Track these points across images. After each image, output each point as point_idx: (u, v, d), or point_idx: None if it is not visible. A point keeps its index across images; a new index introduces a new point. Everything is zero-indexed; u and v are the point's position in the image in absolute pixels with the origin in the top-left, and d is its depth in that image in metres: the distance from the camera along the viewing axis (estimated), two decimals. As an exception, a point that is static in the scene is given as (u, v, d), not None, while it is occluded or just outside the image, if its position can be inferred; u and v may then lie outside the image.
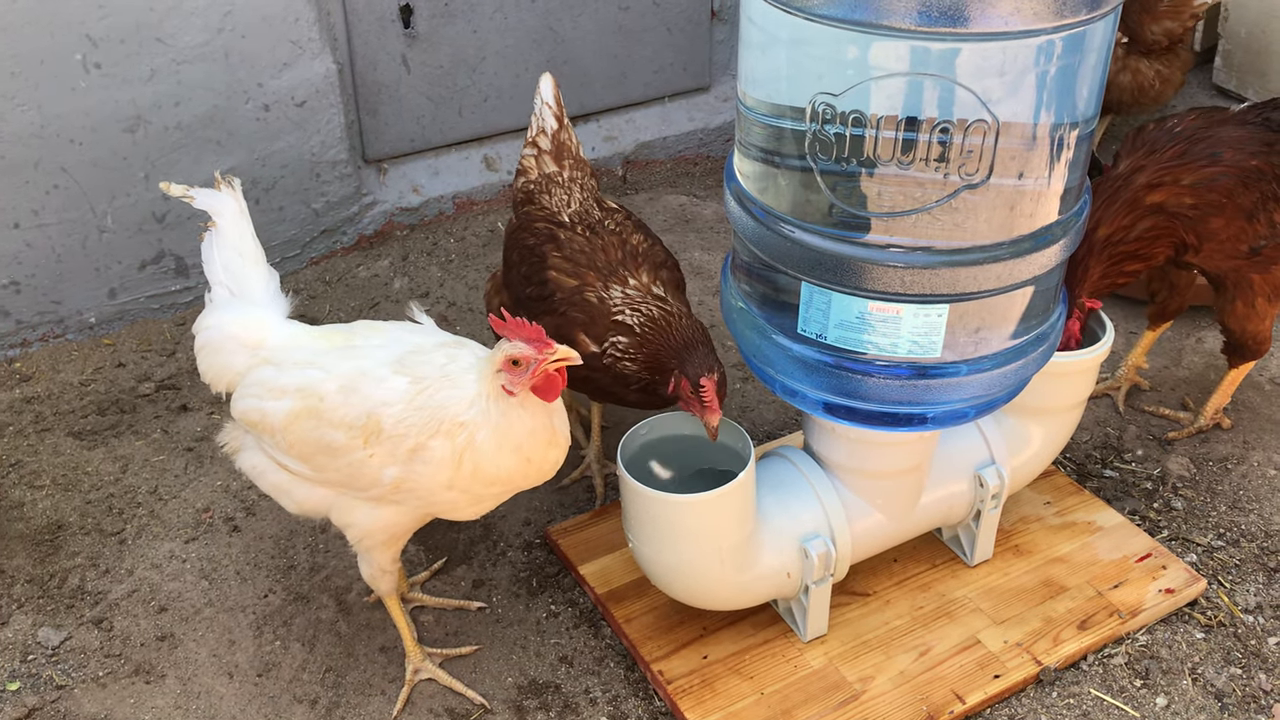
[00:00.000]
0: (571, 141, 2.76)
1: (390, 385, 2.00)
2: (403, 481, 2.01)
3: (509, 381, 1.92)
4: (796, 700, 2.30)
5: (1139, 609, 2.48)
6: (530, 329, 1.92)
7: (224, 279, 2.31)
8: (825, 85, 1.82)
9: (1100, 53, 1.85)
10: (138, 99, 3.24)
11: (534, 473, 2.04)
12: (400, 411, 1.97)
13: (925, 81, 1.76)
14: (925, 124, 1.78)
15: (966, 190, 1.83)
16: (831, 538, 2.31)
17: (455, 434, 1.95)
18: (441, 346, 2.05)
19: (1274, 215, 2.57)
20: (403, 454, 1.98)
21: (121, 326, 3.49)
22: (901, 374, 2.04)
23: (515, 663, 2.46)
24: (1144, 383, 3.16)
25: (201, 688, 2.42)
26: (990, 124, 1.78)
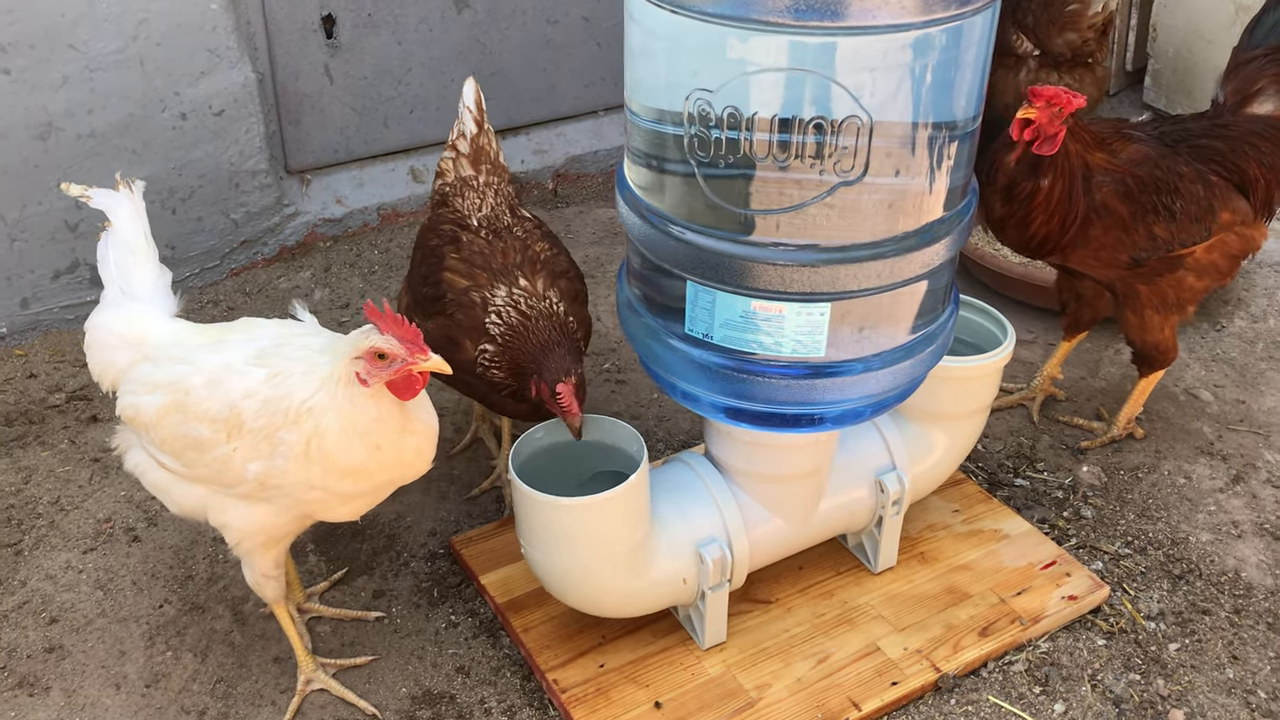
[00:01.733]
0: (490, 146, 2.75)
1: (251, 378, 1.97)
2: (267, 477, 1.97)
3: (365, 370, 1.89)
4: (691, 708, 2.27)
5: (1041, 616, 2.47)
6: (409, 329, 1.89)
7: (116, 277, 2.29)
8: (701, 82, 1.81)
9: (977, 49, 1.85)
10: (49, 105, 3.20)
11: (390, 462, 1.99)
12: (259, 404, 1.94)
13: (798, 77, 1.76)
14: (800, 120, 1.78)
15: (842, 187, 1.83)
16: (728, 543, 2.29)
17: (302, 421, 1.91)
18: (304, 339, 2.02)
19: (1154, 228, 2.58)
20: (264, 448, 1.95)
21: (35, 337, 3.44)
22: (789, 374, 2.03)
23: (411, 673, 2.42)
24: (1059, 393, 3.17)
25: (87, 699, 2.36)
26: (864, 120, 1.77)
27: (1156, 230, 2.58)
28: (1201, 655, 2.44)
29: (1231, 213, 2.67)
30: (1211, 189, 2.64)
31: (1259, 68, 2.83)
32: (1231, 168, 2.69)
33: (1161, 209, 2.57)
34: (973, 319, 2.57)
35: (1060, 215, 2.53)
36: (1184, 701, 2.34)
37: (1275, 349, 3.38)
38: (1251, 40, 2.89)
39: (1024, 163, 2.50)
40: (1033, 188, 2.50)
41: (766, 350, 2.00)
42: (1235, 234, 2.72)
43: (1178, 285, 2.70)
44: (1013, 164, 2.51)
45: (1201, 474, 2.92)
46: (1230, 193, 2.68)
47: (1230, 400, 3.18)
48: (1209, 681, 2.38)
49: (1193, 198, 2.61)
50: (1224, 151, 2.69)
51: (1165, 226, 2.59)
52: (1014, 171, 2.51)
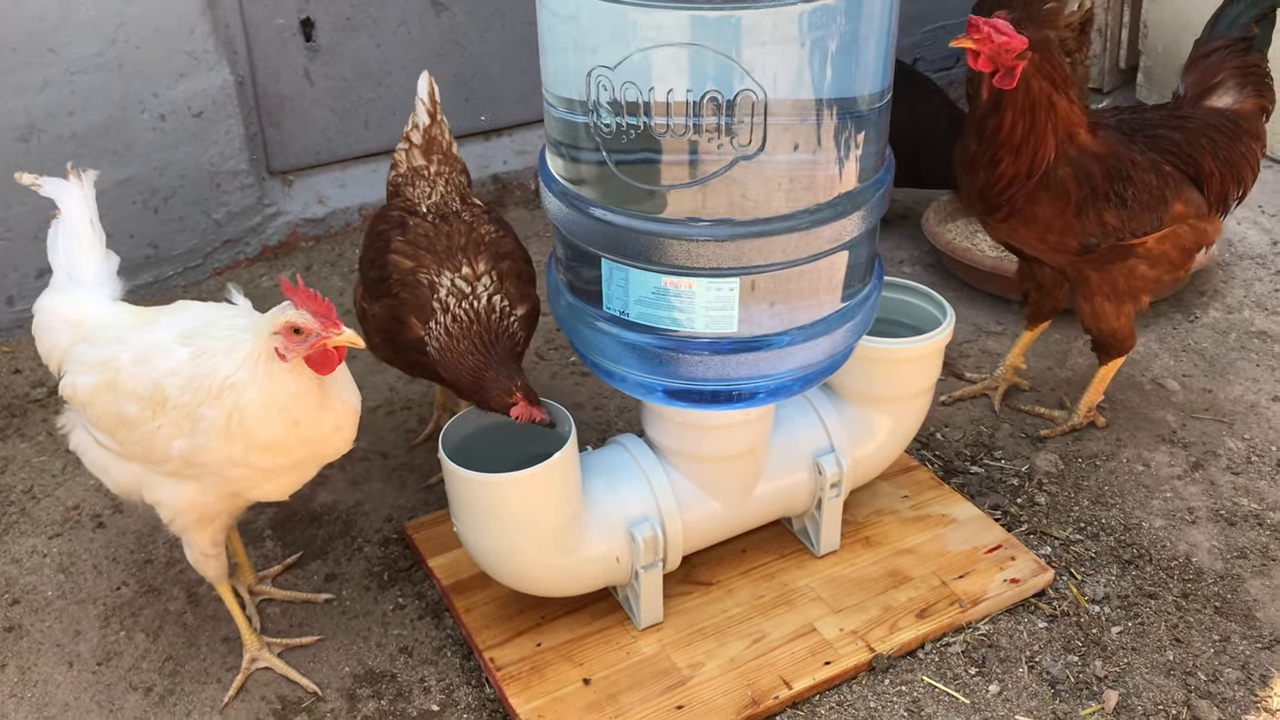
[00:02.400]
0: (443, 138, 2.80)
1: (176, 356, 2.02)
2: (191, 454, 2.02)
3: (284, 346, 1.93)
4: (623, 685, 2.29)
5: (981, 598, 2.46)
6: (321, 303, 1.94)
7: (64, 263, 2.36)
8: (601, 59, 1.84)
9: (877, 24, 1.87)
10: (31, 108, 3.30)
11: (309, 437, 2.03)
12: (183, 381, 1.99)
13: (694, 52, 1.79)
14: (695, 96, 1.81)
15: (742, 162, 1.85)
16: (660, 523, 2.31)
17: (224, 397, 1.96)
18: (230, 319, 2.08)
19: (1104, 215, 2.58)
20: (186, 425, 2.00)
21: (20, 334, 3.53)
22: (706, 349, 2.05)
23: (355, 653, 2.46)
24: (1022, 383, 3.16)
25: (39, 676, 2.42)
26: (759, 95, 1.80)
27: (1107, 217, 2.58)
28: (1143, 638, 2.42)
29: (1185, 204, 2.66)
30: (1165, 179, 2.63)
31: (1219, 60, 2.83)
32: (1186, 159, 2.68)
33: (1113, 196, 2.57)
34: (913, 302, 2.58)
35: (1028, 155, 2.52)
36: (1120, 682, 2.32)
37: (1248, 339, 3.35)
38: (1213, 32, 2.88)
39: (991, 99, 2.51)
40: (995, 123, 2.51)
41: (680, 326, 2.03)
42: (1189, 226, 2.71)
43: (1129, 274, 2.69)
44: (984, 100, 2.52)
45: (1161, 461, 2.90)
46: (1184, 184, 2.67)
47: (1197, 390, 3.16)
48: (1148, 663, 2.36)
49: (1145, 186, 2.60)
50: (1180, 143, 2.68)
51: (1116, 214, 2.58)
52: (983, 107, 2.53)
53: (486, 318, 2.37)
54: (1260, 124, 2.79)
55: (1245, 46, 2.80)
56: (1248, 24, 2.81)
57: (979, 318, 3.49)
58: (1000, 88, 2.47)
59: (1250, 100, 2.78)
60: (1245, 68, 2.78)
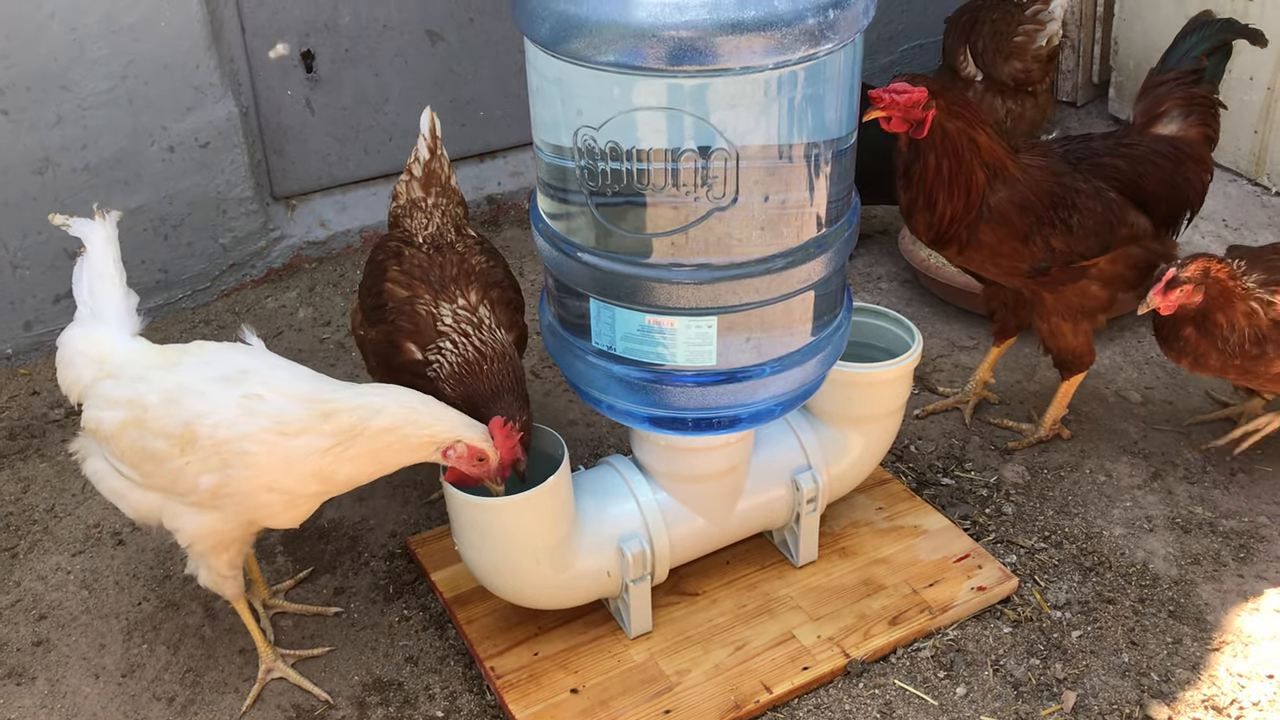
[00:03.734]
0: (442, 171, 2.95)
1: (214, 399, 2.18)
2: (219, 488, 2.18)
3: (457, 455, 2.23)
4: (615, 691, 2.45)
5: (950, 605, 2.63)
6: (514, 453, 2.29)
7: (88, 299, 2.52)
8: (586, 119, 2.00)
9: (837, 83, 2.03)
10: (46, 142, 3.45)
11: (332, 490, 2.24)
12: (222, 422, 2.15)
13: (670, 114, 1.95)
14: (672, 152, 1.97)
15: (716, 212, 2.02)
16: (648, 539, 2.48)
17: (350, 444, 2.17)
18: (270, 369, 2.26)
19: (1050, 240, 2.74)
20: (214, 463, 2.16)
21: (38, 357, 3.68)
22: (689, 381, 2.22)
23: (363, 663, 2.62)
24: (992, 396, 3.33)
25: (68, 688, 2.59)
26: (729, 151, 1.96)
27: (1054, 242, 2.75)
28: (1101, 641, 2.59)
29: (1130, 228, 2.83)
30: (1109, 205, 2.80)
31: (1167, 91, 2.99)
32: (1131, 185, 2.85)
33: (1058, 222, 2.74)
34: (884, 326, 2.74)
35: (962, 189, 2.69)
36: (1079, 684, 2.49)
37: (1209, 351, 3.51)
38: (1165, 65, 3.06)
39: (910, 147, 2.69)
40: (921, 168, 2.69)
41: (664, 360, 2.19)
42: (1140, 247, 2.88)
43: (1083, 294, 2.86)
44: (903, 150, 2.70)
45: (1122, 471, 3.07)
46: (1129, 209, 2.83)
47: (1159, 401, 3.32)
48: (1105, 665, 2.53)
49: (1090, 213, 2.77)
50: (1124, 170, 2.85)
51: (1063, 239, 2.75)
52: (905, 157, 2.70)
53: (512, 352, 2.53)
54: (1204, 150, 2.96)
55: (1195, 79, 2.97)
56: (1198, 57, 2.98)
57: (952, 333, 3.66)
58: (917, 138, 2.65)
59: (1194, 129, 2.94)
60: (1191, 99, 2.95)
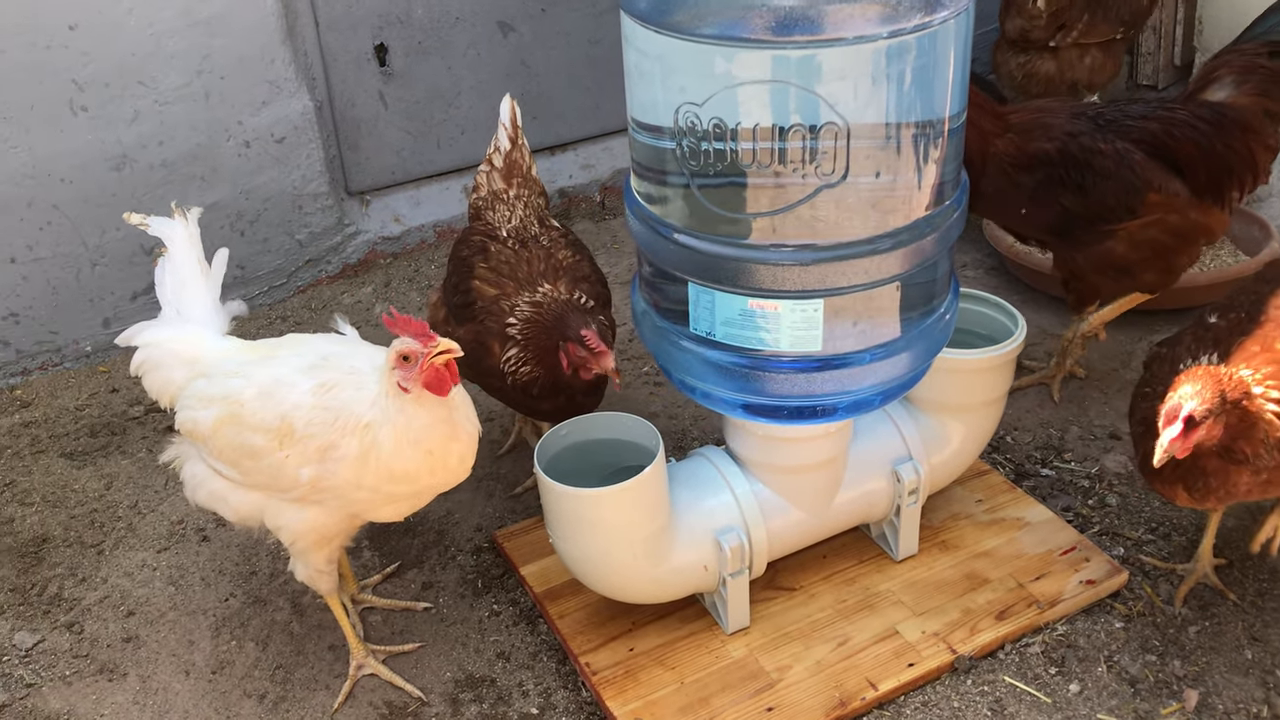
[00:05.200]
0: (523, 160, 2.90)
1: (301, 389, 2.14)
2: (319, 480, 2.14)
3: (402, 378, 2.04)
4: (714, 688, 2.38)
5: (1058, 599, 2.53)
6: (415, 325, 2.04)
7: (172, 299, 2.49)
8: (689, 96, 1.94)
9: (951, 54, 1.95)
10: (123, 139, 3.45)
11: (439, 467, 2.14)
12: (309, 413, 2.11)
13: (777, 87, 1.87)
14: (781, 128, 1.89)
15: (825, 189, 1.94)
16: (745, 532, 2.40)
17: (363, 434, 2.08)
18: (351, 353, 2.19)
19: (1060, 199, 2.76)
20: (313, 453, 2.11)
21: (116, 355, 3.68)
22: (792, 368, 2.14)
23: (455, 659, 2.58)
24: (1079, 370, 3.23)
25: (159, 684, 2.56)
26: (840, 126, 1.88)
27: (1065, 201, 2.76)
28: (1220, 637, 2.48)
29: (1159, 192, 2.76)
30: (1131, 167, 2.74)
31: (1225, 59, 2.91)
32: (1161, 148, 2.77)
33: (1069, 181, 2.74)
34: (985, 312, 2.65)
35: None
36: (1200, 681, 2.38)
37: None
38: (1244, 36, 2.97)
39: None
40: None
41: (765, 345, 2.12)
42: (1178, 214, 2.79)
43: (1109, 255, 2.85)
44: None
45: (1231, 461, 2.94)
46: (1157, 172, 2.76)
47: (1265, 388, 3.19)
48: (1227, 662, 2.42)
49: (1105, 173, 2.73)
50: (1155, 132, 2.78)
51: (1074, 197, 2.75)
52: None
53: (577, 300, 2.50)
54: (1255, 119, 2.83)
55: (1273, 51, 2.85)
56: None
57: (1043, 320, 3.54)
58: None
59: (1248, 97, 2.82)
60: (1250, 67, 2.83)
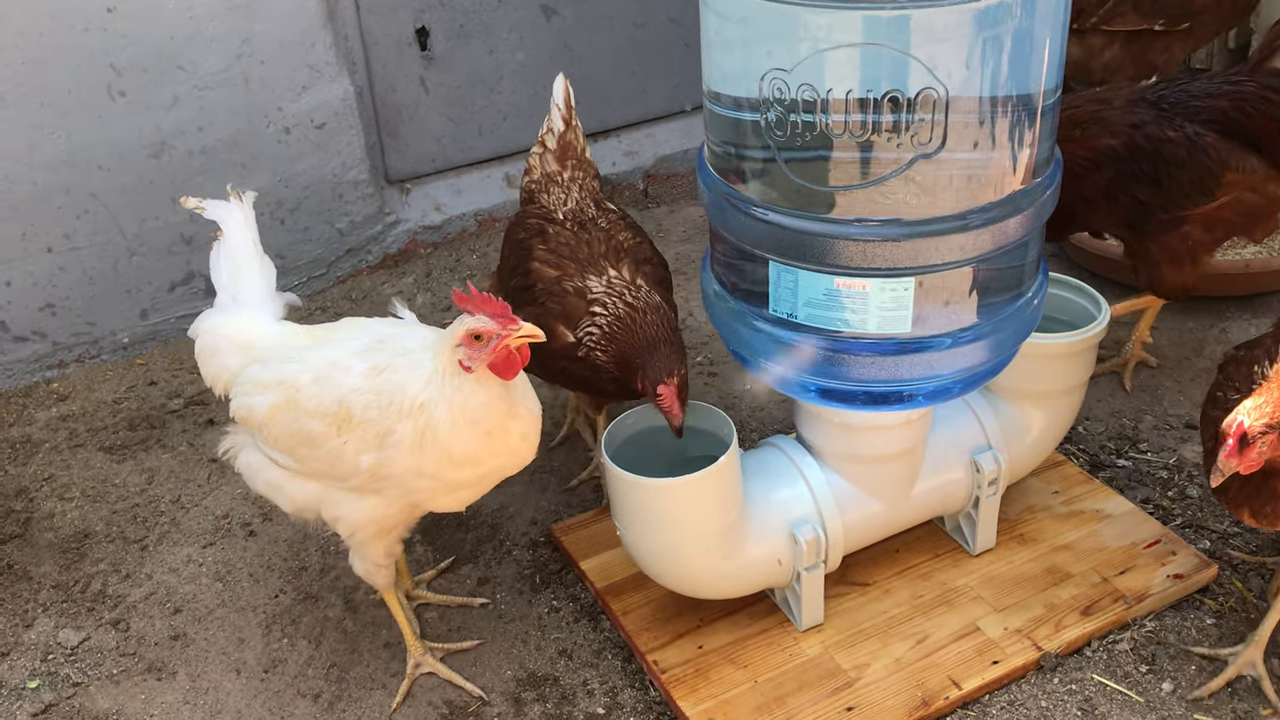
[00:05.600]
0: (577, 142, 2.81)
1: (357, 372, 2.05)
2: (379, 467, 2.05)
3: (467, 357, 1.95)
4: (790, 688, 2.28)
5: (1145, 594, 2.43)
6: (495, 304, 1.95)
7: (227, 284, 2.40)
8: (776, 62, 1.84)
9: (1053, 19, 1.85)
10: (162, 125, 3.37)
11: (500, 448, 2.04)
12: (365, 397, 2.02)
13: (873, 52, 1.77)
14: (876, 95, 1.79)
15: (921, 160, 1.84)
16: (821, 524, 2.30)
17: (417, 415, 1.98)
18: (405, 335, 2.10)
19: (1135, 193, 2.64)
20: (372, 439, 2.02)
21: (154, 347, 3.61)
22: (876, 351, 2.04)
23: (515, 656, 2.48)
24: (1150, 359, 3.12)
25: (210, 684, 2.48)
26: (940, 93, 1.78)
27: (1139, 194, 2.64)
28: (1317, 633, 2.37)
29: (1238, 171, 2.65)
30: (1205, 151, 2.63)
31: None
32: (1234, 125, 2.65)
33: (1141, 175, 2.62)
34: (1066, 296, 2.54)
35: None
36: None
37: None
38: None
39: None
40: None
41: (851, 327, 2.02)
42: (1256, 193, 2.69)
43: (1184, 239, 2.73)
44: None
45: (1315, 450, 2.83)
46: (1235, 152, 2.65)
47: (1345, 375, 3.07)
48: (1325, 659, 2.32)
49: (1177, 162, 2.62)
50: (1226, 110, 2.66)
51: (1148, 190, 2.64)
52: None
53: (668, 311, 2.38)
54: None
55: None
56: None
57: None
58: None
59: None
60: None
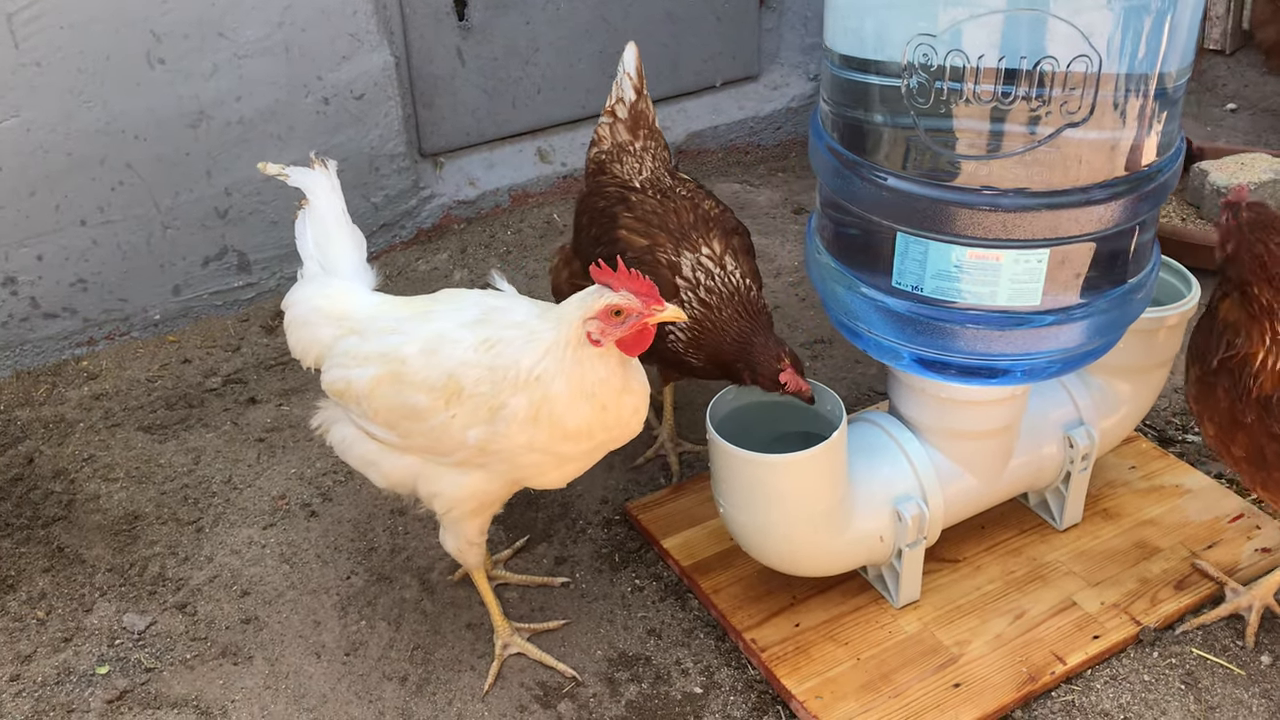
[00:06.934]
0: (649, 112, 2.77)
1: (467, 345, 1.99)
2: (487, 443, 1.99)
3: (599, 331, 1.90)
4: (894, 664, 2.27)
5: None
6: (643, 282, 1.90)
7: (315, 254, 2.33)
8: (922, 26, 1.80)
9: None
10: (200, 94, 3.26)
11: (612, 421, 1.99)
12: (477, 371, 1.96)
13: (1025, 17, 1.75)
14: (1026, 62, 1.76)
15: (1068, 129, 1.81)
16: (924, 499, 2.28)
17: (532, 389, 1.93)
18: (511, 306, 2.05)
19: None
20: (484, 413, 1.96)
21: (186, 324, 3.50)
22: (997, 324, 2.02)
23: (603, 636, 2.44)
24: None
25: (290, 667, 2.41)
26: (1092, 60, 1.76)
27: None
28: (1404, 605, 2.39)
29: None
30: None
31: None
32: None
33: None
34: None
35: None
36: (1393, 651, 2.30)
37: None
38: None
39: None
40: None
41: (979, 300, 1.99)
42: None
43: None
44: None
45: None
46: None
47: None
48: None
49: None
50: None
51: None
52: None
53: (746, 292, 2.34)
54: None
55: None
56: None
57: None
58: None
59: None
60: None
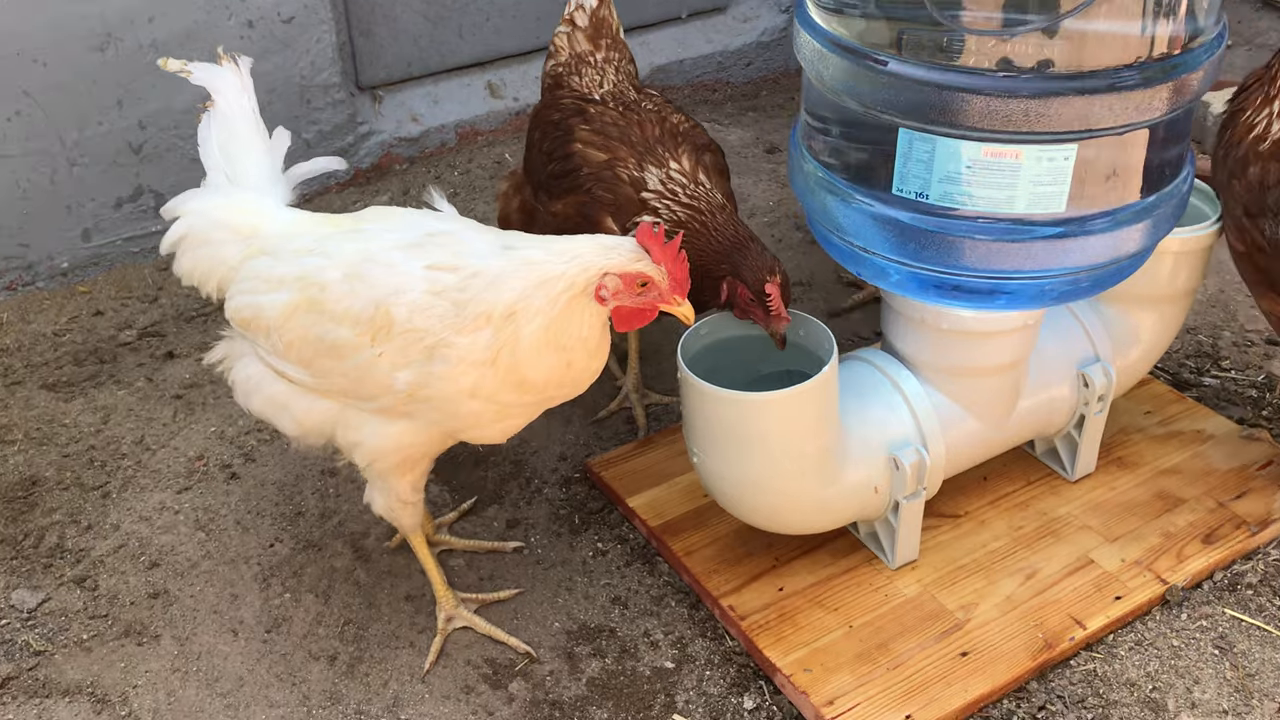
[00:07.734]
0: (612, 19, 2.50)
1: (404, 270, 1.69)
2: (419, 388, 1.69)
3: (612, 291, 1.65)
4: (891, 632, 1.99)
5: (1268, 520, 2.19)
6: (684, 268, 1.69)
7: (220, 163, 2.02)
8: (933, -127, 1.51)
9: None
10: (107, 13, 2.91)
11: (569, 380, 1.74)
12: (418, 300, 1.66)
13: None
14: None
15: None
16: (923, 445, 2.01)
17: (501, 326, 1.64)
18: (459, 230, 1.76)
19: None
20: (417, 353, 1.66)
21: (98, 273, 3.16)
22: (1013, 235, 1.74)
23: (562, 606, 2.15)
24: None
25: (202, 647, 2.10)
26: (1135, -91, 1.48)
27: None
28: None
29: None
30: None
31: None
32: None
33: None
34: (1177, 189, 2.27)
35: None
36: None
37: None
38: None
39: None
40: None
41: (995, 207, 1.71)
42: None
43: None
44: None
45: None
46: None
47: None
48: None
49: None
50: None
51: None
52: None
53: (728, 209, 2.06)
54: None
55: None
56: None
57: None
58: None
59: None
60: None
